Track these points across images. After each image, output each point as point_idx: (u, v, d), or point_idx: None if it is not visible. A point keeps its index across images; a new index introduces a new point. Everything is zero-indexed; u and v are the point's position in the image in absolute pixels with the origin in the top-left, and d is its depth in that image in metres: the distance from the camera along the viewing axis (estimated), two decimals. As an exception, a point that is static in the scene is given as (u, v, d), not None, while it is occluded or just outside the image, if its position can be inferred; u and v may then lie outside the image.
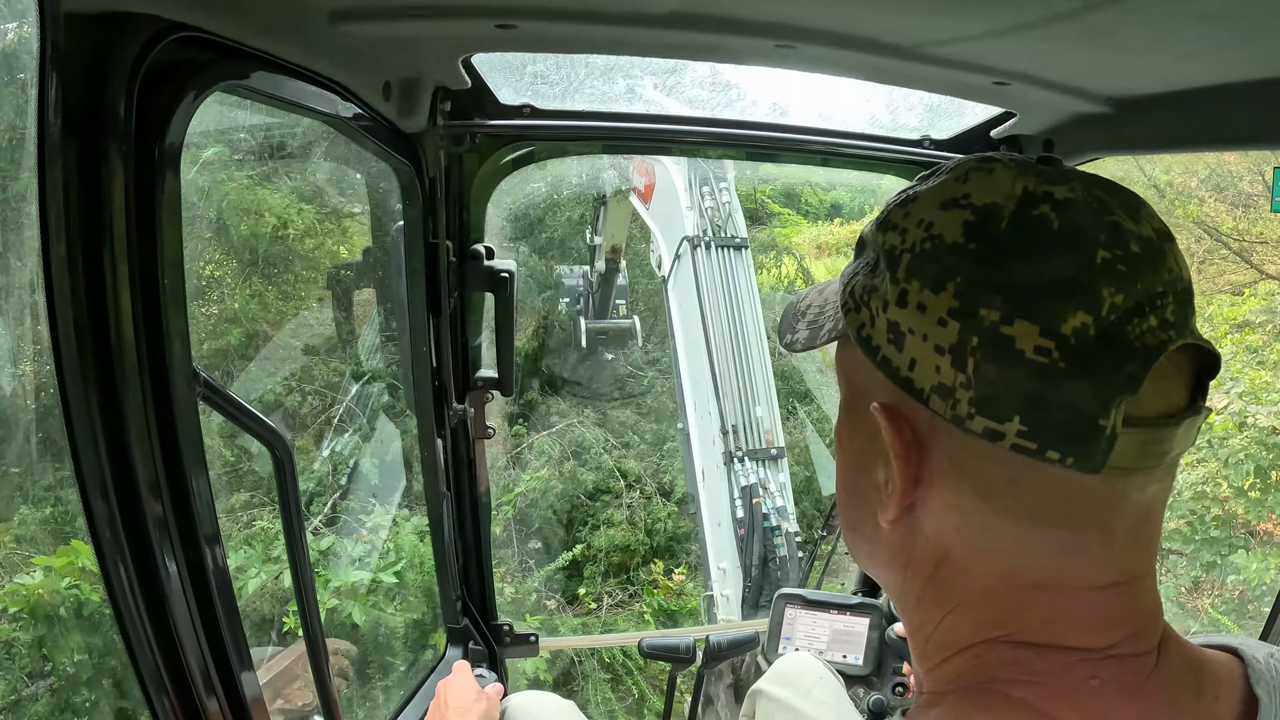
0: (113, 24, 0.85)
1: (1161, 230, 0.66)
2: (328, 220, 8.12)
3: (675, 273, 5.97)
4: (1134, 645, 0.68)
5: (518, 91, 1.94)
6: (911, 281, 0.67)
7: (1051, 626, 0.68)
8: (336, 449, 7.33)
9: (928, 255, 0.67)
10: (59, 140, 0.82)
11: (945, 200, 0.68)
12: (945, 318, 0.65)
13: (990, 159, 0.71)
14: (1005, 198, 0.66)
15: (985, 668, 0.70)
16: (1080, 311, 0.61)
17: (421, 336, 1.97)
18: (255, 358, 7.60)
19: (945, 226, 0.67)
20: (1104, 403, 0.61)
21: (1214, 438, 7.72)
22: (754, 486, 5.29)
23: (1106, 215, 0.64)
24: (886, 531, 0.74)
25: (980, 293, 0.63)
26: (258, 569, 6.03)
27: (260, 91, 1.16)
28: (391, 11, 1.27)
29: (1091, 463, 0.62)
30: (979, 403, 0.63)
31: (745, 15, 1.29)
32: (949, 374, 0.65)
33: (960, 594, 0.71)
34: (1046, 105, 1.62)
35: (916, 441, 0.69)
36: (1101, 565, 0.67)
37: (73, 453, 0.90)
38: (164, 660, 0.99)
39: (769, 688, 2.11)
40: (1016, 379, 0.62)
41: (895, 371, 0.68)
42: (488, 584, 2.41)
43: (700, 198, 6.09)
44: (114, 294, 0.89)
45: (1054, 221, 0.64)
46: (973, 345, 0.63)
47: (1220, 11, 1.04)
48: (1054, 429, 0.62)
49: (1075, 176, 0.67)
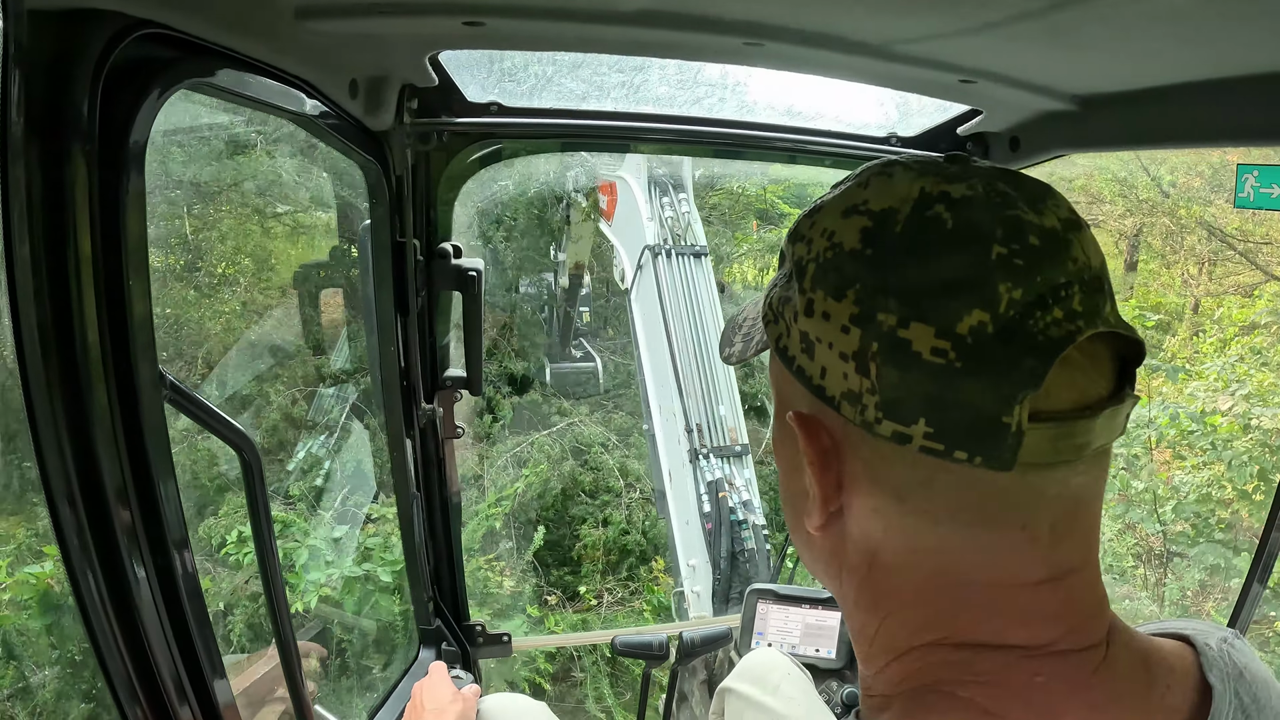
0: (77, 21, 0.84)
1: (1068, 220, 0.66)
2: (290, 220, 8.04)
3: (638, 282, 6.20)
4: (1076, 640, 0.68)
5: (485, 89, 1.93)
6: (816, 290, 0.67)
7: (988, 625, 0.68)
8: (308, 450, 7.28)
9: (829, 264, 0.67)
10: (21, 139, 0.80)
11: (846, 208, 0.69)
12: (847, 324, 0.65)
13: (893, 163, 0.71)
14: (901, 201, 0.66)
15: (930, 670, 0.70)
16: (976, 309, 0.61)
17: (389, 336, 1.96)
18: (222, 360, 7.51)
19: (845, 234, 0.67)
20: (1005, 400, 0.61)
21: (1219, 440, 7.71)
22: (720, 481, 5.38)
23: (1006, 210, 0.64)
24: (819, 537, 0.74)
25: (877, 297, 0.64)
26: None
27: (226, 89, 1.14)
28: (358, 8, 1.26)
29: (1000, 460, 0.62)
30: (885, 407, 0.64)
31: (714, 13, 1.30)
32: (855, 380, 0.65)
33: (894, 596, 0.71)
34: (1012, 103, 1.64)
35: (834, 448, 0.69)
36: (1029, 561, 0.66)
37: (38, 458, 0.88)
38: (135, 668, 0.98)
39: (737, 685, 2.10)
40: (917, 381, 0.62)
41: (809, 380, 0.69)
42: (459, 585, 2.40)
43: (660, 209, 6.33)
44: (78, 295, 0.87)
45: (947, 221, 0.64)
46: (873, 350, 0.63)
47: (1178, 13, 1.06)
48: (959, 429, 0.62)
49: (977, 174, 0.67)
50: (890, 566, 0.70)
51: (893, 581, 0.71)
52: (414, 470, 2.15)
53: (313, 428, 7.31)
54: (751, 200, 11.23)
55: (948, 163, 0.70)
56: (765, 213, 11.23)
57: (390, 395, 2.03)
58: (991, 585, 0.67)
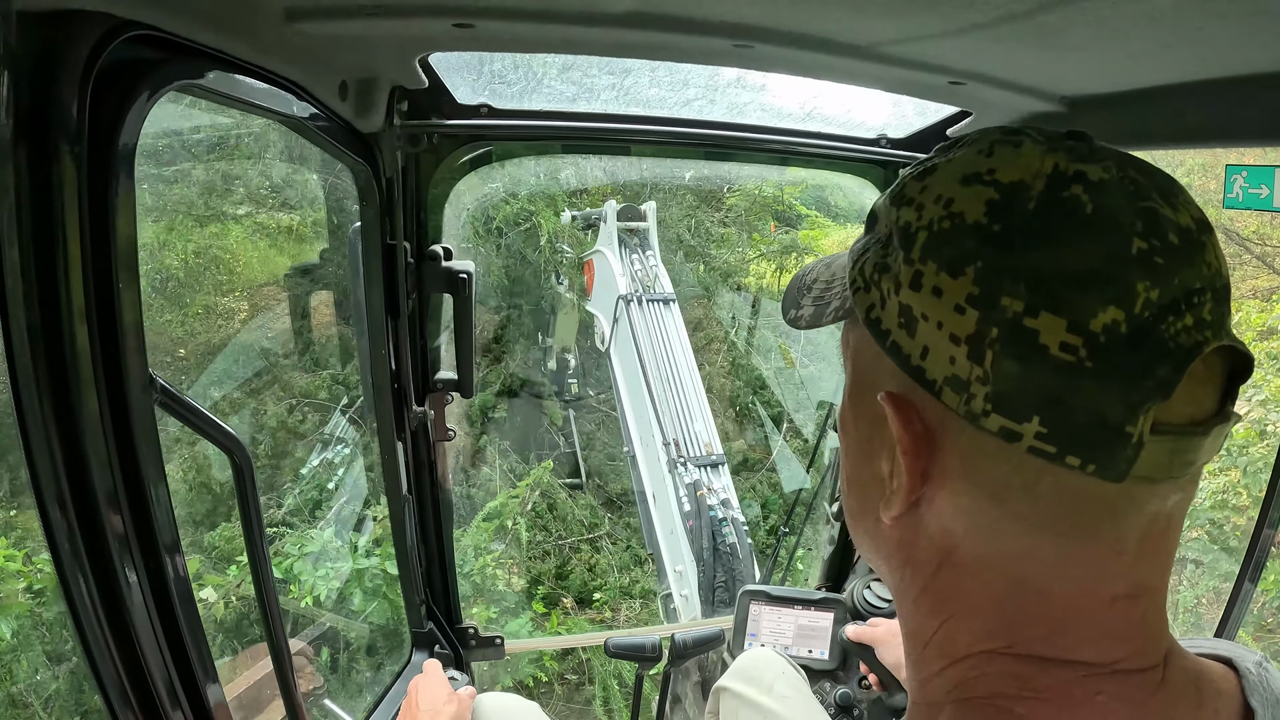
0: (65, 22, 0.84)
1: (1201, 220, 0.61)
2: (280, 222, 8.02)
3: (615, 335, 7.08)
4: (1140, 660, 0.65)
5: (475, 91, 1.93)
6: (927, 263, 0.62)
7: (1056, 639, 0.64)
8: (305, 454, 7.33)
9: (946, 235, 0.62)
10: (10, 141, 0.79)
11: (967, 175, 0.63)
12: (963, 305, 0.60)
13: (1018, 132, 0.65)
14: (1033, 175, 0.61)
15: (986, 681, 0.66)
16: (1112, 306, 0.57)
17: (380, 339, 1.95)
18: (212, 363, 7.49)
19: (966, 204, 0.62)
20: (1132, 408, 0.57)
21: (1234, 446, 7.62)
22: (698, 482, 5.75)
23: (1142, 200, 0.59)
24: (888, 527, 0.70)
25: (1002, 280, 0.59)
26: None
27: (215, 91, 1.14)
28: (347, 10, 1.25)
29: (1114, 471, 0.58)
30: (996, 399, 0.59)
31: (703, 15, 1.30)
32: (964, 366, 0.60)
33: (961, 599, 0.67)
34: (1001, 104, 1.65)
35: (926, 435, 0.65)
36: (1112, 577, 0.63)
37: (28, 461, 0.87)
38: (127, 672, 0.97)
39: (732, 684, 2.10)
40: (1038, 377, 0.58)
41: (906, 359, 0.63)
42: (452, 587, 2.40)
43: (631, 264, 7.45)
44: (67, 298, 0.87)
45: (1086, 205, 0.59)
46: (992, 337, 0.59)
47: (1166, 14, 1.06)
48: (1076, 433, 0.58)
49: (1109, 155, 0.62)
50: (965, 566, 0.66)
51: (964, 583, 0.67)
52: (405, 473, 2.14)
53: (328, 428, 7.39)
54: (769, 201, 11.23)
55: (1073, 139, 0.64)
56: (783, 214, 11.22)
57: (381, 398, 2.03)
58: (1068, 597, 0.64)
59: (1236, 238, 11.17)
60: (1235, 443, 7.64)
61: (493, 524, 8.53)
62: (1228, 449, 7.68)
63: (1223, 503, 7.75)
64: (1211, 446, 0.62)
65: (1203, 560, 7.94)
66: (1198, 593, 7.98)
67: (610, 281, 7.30)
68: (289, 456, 7.49)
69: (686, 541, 5.50)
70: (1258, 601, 7.43)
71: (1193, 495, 0.65)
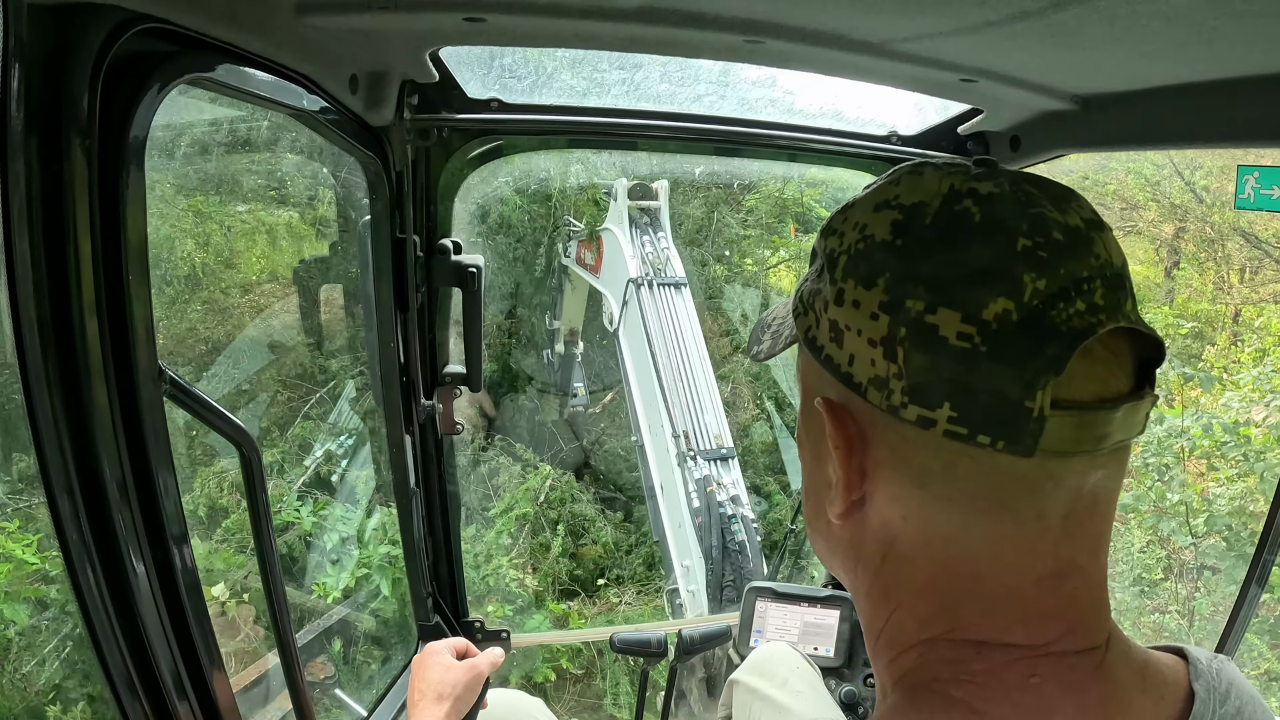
0: (76, 15, 0.84)
1: (1091, 219, 0.68)
2: (293, 215, 8.04)
3: (624, 318, 6.82)
4: (1075, 641, 0.69)
5: (485, 85, 1.93)
6: (847, 280, 0.70)
7: (989, 620, 0.69)
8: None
9: (860, 254, 0.69)
10: (21, 133, 0.80)
11: (878, 203, 0.71)
12: (876, 312, 0.67)
13: (924, 164, 0.73)
14: (931, 196, 0.68)
15: (928, 667, 0.71)
16: (1001, 297, 0.63)
17: (389, 332, 1.96)
18: (223, 354, 7.52)
19: (876, 227, 0.69)
20: (1028, 385, 0.62)
21: (1251, 451, 7.58)
22: (708, 478, 5.59)
23: (1031, 207, 0.66)
24: (838, 527, 0.76)
25: (905, 285, 0.66)
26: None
27: (225, 84, 1.14)
28: (358, 4, 1.25)
29: (1022, 445, 0.63)
30: (911, 391, 0.65)
31: (714, 10, 1.29)
32: (882, 365, 0.67)
33: (905, 587, 0.73)
34: (1013, 102, 1.64)
35: (859, 435, 0.71)
36: (1037, 555, 0.67)
37: (37, 452, 0.88)
38: (134, 664, 0.98)
39: (745, 677, 2.12)
40: (943, 365, 0.64)
41: (837, 368, 0.70)
42: (458, 580, 2.40)
43: (641, 246, 7.04)
44: (78, 290, 0.87)
45: (975, 215, 0.66)
46: (901, 335, 0.65)
47: (1179, 12, 1.06)
48: (982, 413, 0.63)
49: (1004, 175, 0.69)
50: (905, 556, 0.72)
51: (905, 571, 0.72)
52: (413, 466, 2.15)
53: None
54: (789, 204, 11.17)
55: (976, 165, 0.72)
56: (802, 215, 11.15)
57: (390, 391, 2.03)
58: (998, 577, 0.68)
59: (1255, 240, 11.08)
60: (1253, 448, 7.58)
61: (511, 516, 8.54)
62: (1245, 455, 7.62)
63: (1240, 509, 7.65)
64: (1125, 423, 0.66)
65: (1220, 567, 7.85)
66: (1214, 600, 7.90)
67: (619, 261, 7.09)
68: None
69: (695, 536, 5.45)
70: (1275, 611, 7.37)
71: (1119, 475, 0.70)
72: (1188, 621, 7.92)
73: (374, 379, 2.09)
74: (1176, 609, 8.07)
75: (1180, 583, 8.19)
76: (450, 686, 1.61)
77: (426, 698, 1.58)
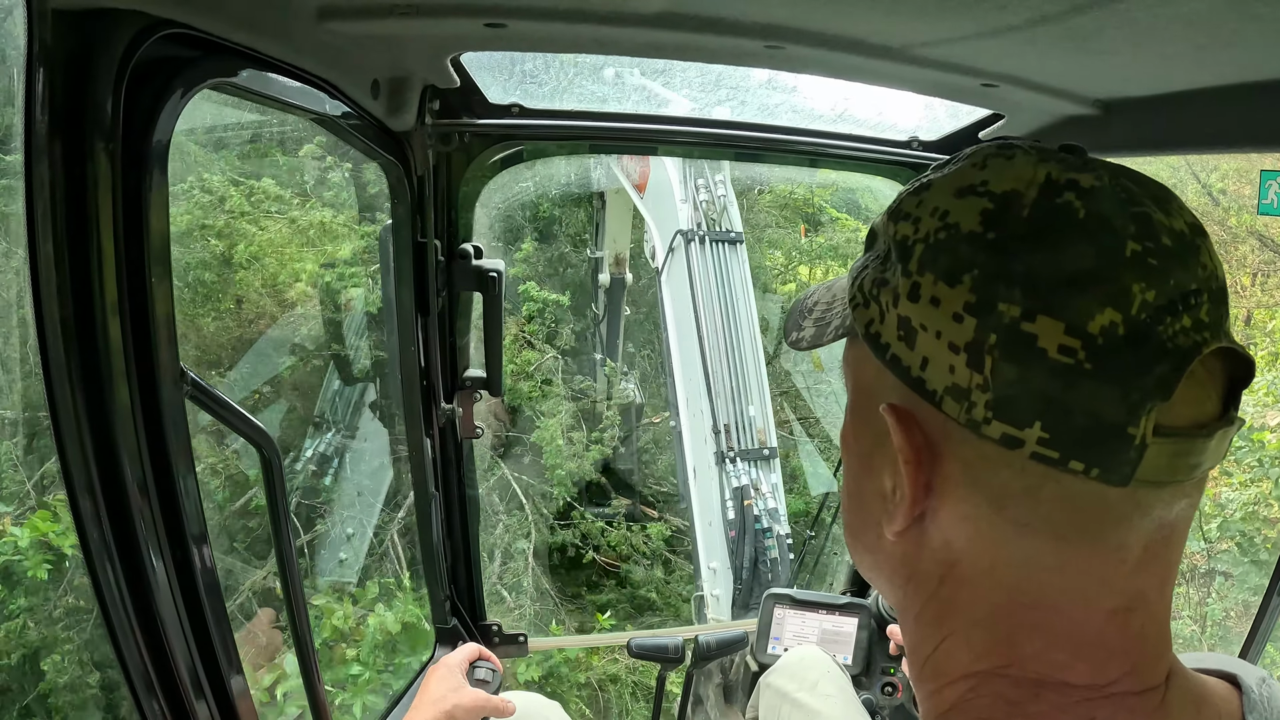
0: (100, 20, 0.85)
1: (1194, 224, 0.61)
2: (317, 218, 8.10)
3: (669, 266, 5.89)
4: (1137, 681, 0.64)
5: (506, 91, 1.94)
6: (924, 274, 0.62)
7: (1050, 655, 0.64)
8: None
9: (941, 245, 0.62)
10: (45, 137, 0.81)
11: (961, 188, 0.64)
12: (960, 313, 0.60)
13: (1010, 145, 0.66)
14: (1026, 185, 0.61)
15: (978, 705, 0.66)
16: (1108, 308, 0.56)
17: (409, 336, 1.97)
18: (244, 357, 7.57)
19: (962, 215, 0.62)
20: (1133, 409, 0.56)
21: (1266, 457, 7.47)
22: (746, 488, 5.24)
23: (1135, 206, 0.60)
24: (890, 542, 0.69)
25: (998, 285, 0.59)
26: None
27: (248, 89, 1.15)
28: (379, 10, 1.26)
29: (1118, 474, 0.57)
30: (996, 406, 0.59)
31: (734, 16, 1.29)
32: (964, 374, 0.60)
33: (962, 613, 0.67)
34: (1034, 107, 1.63)
35: (928, 447, 0.64)
36: (1110, 587, 0.62)
37: (59, 452, 0.89)
38: (152, 662, 0.99)
39: (775, 680, 2.12)
40: (1037, 380, 0.57)
41: (906, 371, 0.63)
42: (476, 584, 2.41)
43: (695, 191, 5.99)
44: (101, 292, 0.88)
45: (1079, 210, 0.59)
46: (990, 343, 0.59)
47: (1200, 17, 1.05)
48: (1077, 436, 0.57)
49: (1100, 165, 0.63)
50: (966, 579, 0.66)
51: (964, 596, 0.66)
52: (433, 470, 2.16)
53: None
54: (799, 204, 11.11)
55: (1065, 152, 0.65)
56: (813, 216, 11.07)
57: (410, 395, 2.04)
58: (1066, 610, 0.63)
59: (1272, 244, 10.96)
60: (1267, 453, 7.49)
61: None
62: (1259, 460, 7.52)
63: (1253, 514, 7.57)
64: (1216, 450, 0.61)
65: (1232, 573, 7.77)
66: (1226, 606, 7.82)
67: (666, 186, 6.04)
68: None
69: (725, 539, 5.19)
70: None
71: (1197, 503, 0.64)
72: (1200, 627, 7.85)
73: (395, 382, 2.10)
74: (1189, 614, 8.00)
75: (1192, 587, 8.12)
76: (452, 705, 1.65)
77: (422, 709, 1.62)
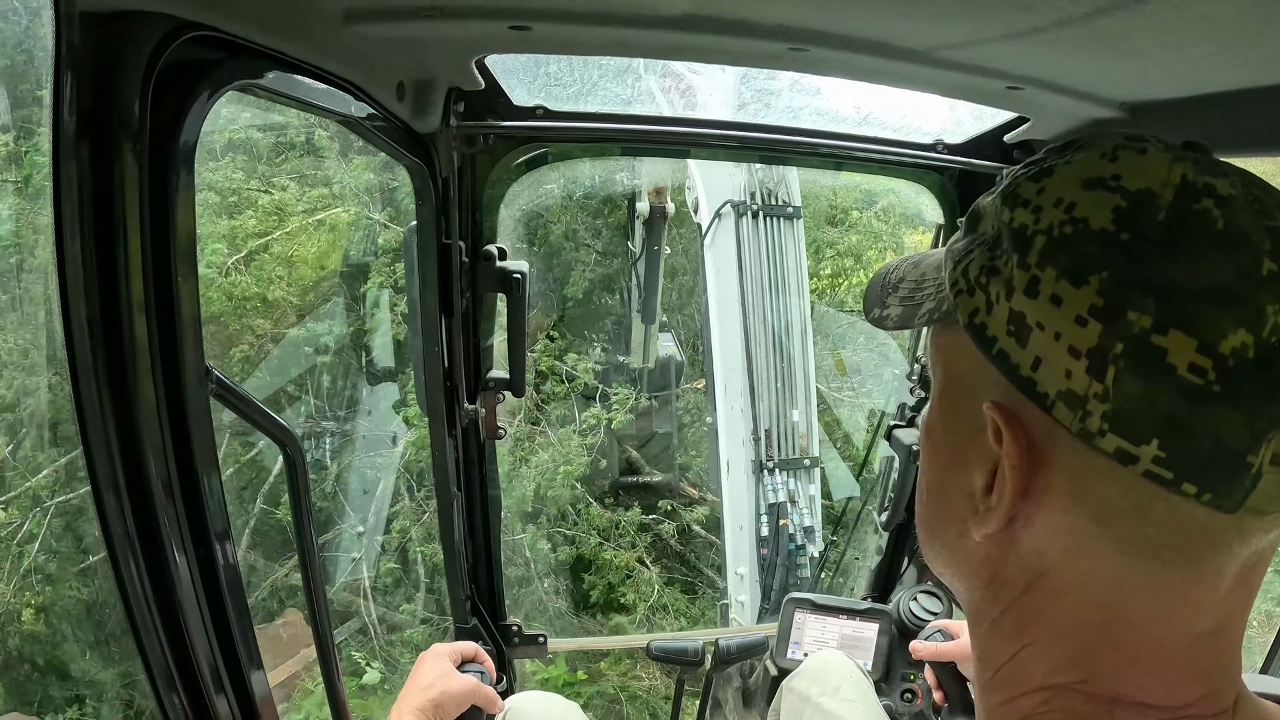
0: (127, 23, 0.86)
1: None
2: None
3: (714, 234, 5.19)
4: (1210, 705, 0.63)
5: (531, 93, 1.94)
6: (1046, 269, 0.59)
7: (1132, 673, 0.62)
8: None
9: (1067, 240, 0.59)
10: (73, 138, 0.82)
11: (1089, 179, 0.60)
12: (1085, 316, 0.57)
13: (1139, 137, 0.62)
14: (1161, 184, 0.58)
15: (1050, 718, 0.64)
16: (1242, 329, 0.54)
17: (433, 337, 1.98)
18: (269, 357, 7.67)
19: (1090, 209, 0.58)
20: (1257, 436, 0.54)
21: None
22: (783, 505, 4.96)
23: (1266, 219, 0.57)
24: (975, 543, 0.67)
25: (1130, 291, 0.55)
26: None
27: (274, 91, 1.16)
28: (404, 12, 1.27)
29: (1230, 501, 0.55)
30: (1114, 419, 0.56)
31: (757, 18, 1.29)
32: (1082, 381, 0.57)
33: (1045, 625, 0.65)
34: (1060, 110, 1.62)
35: (1032, 450, 0.61)
36: (1200, 611, 0.61)
37: (85, 449, 0.90)
38: (174, 658, 1.00)
39: (797, 684, 2.11)
40: (1163, 398, 0.55)
41: (1014, 369, 0.60)
42: (497, 584, 2.42)
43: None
44: (127, 292, 0.89)
45: (1217, 220, 0.56)
46: (1116, 352, 0.56)
47: (1227, 17, 1.03)
48: (1195, 459, 0.55)
49: (1233, 170, 0.60)
50: (1054, 591, 0.64)
51: (1050, 608, 0.64)
52: (455, 470, 2.17)
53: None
54: (822, 205, 11.01)
55: (1190, 149, 0.61)
56: (833, 218, 10.96)
57: (433, 395, 2.05)
58: (1152, 631, 0.62)
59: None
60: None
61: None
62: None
63: (1276, 520, 7.46)
64: None
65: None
66: (1249, 616, 7.74)
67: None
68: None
69: (753, 545, 4.99)
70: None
71: None
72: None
73: (418, 382, 2.11)
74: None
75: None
76: (439, 692, 1.63)
77: (411, 697, 1.61)
